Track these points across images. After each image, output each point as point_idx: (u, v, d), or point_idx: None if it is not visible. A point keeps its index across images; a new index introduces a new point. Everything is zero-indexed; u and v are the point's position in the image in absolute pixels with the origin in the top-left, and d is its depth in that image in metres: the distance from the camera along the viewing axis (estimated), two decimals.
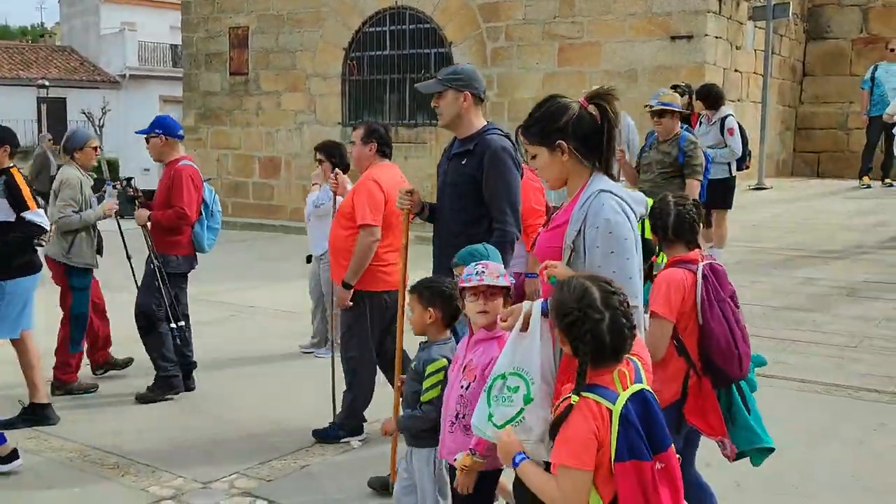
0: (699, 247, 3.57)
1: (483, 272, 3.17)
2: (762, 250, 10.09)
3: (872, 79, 12.98)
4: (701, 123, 9.01)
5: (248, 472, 4.79)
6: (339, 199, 5.64)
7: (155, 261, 6.02)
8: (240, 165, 16.85)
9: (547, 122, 2.94)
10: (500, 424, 2.57)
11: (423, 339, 3.61)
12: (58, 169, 8.69)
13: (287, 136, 16.13)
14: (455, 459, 3.10)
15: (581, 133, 2.91)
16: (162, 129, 6.19)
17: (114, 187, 6.67)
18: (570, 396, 2.37)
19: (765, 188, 13.48)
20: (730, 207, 9.23)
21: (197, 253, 6.33)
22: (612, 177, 2.97)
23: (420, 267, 4.61)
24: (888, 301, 8.00)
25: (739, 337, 3.40)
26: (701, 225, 3.59)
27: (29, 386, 5.53)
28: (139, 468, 4.87)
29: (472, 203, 4.26)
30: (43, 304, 5.93)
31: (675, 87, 9.29)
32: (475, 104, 4.39)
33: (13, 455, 4.81)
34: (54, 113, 34.86)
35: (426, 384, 3.44)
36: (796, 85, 16.15)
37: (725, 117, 8.86)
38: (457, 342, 3.50)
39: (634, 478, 2.29)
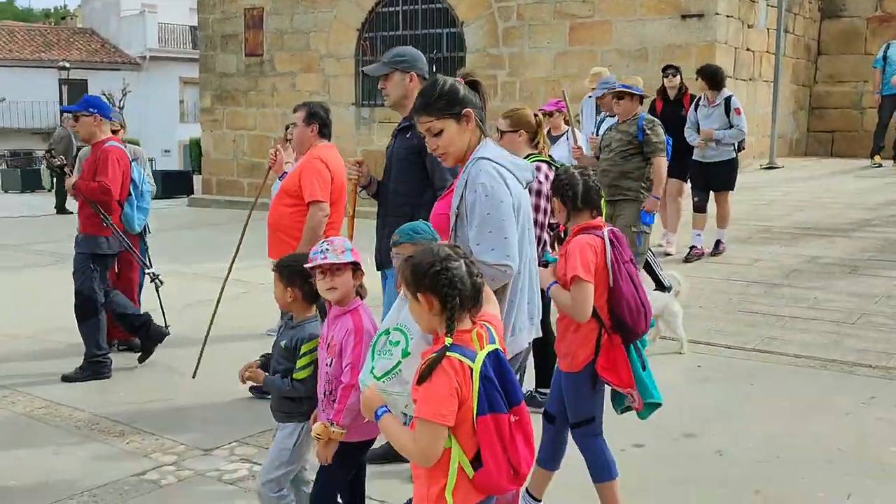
0: (601, 214, 3.74)
1: (328, 250, 3.27)
2: (769, 228, 10.13)
3: (885, 57, 12.91)
4: (699, 106, 9.03)
5: (248, 441, 4.96)
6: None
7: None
8: (255, 146, 17.01)
9: (450, 96, 3.16)
10: (380, 376, 2.70)
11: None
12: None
13: None
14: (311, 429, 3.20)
15: (473, 106, 3.19)
16: (96, 109, 6.25)
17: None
18: (441, 350, 2.47)
19: (776, 167, 13.47)
20: (732, 189, 9.28)
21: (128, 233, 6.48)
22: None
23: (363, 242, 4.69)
24: (889, 279, 8.04)
25: (643, 296, 3.63)
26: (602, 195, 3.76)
27: None
28: (144, 435, 5.05)
29: (416, 175, 4.39)
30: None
31: (667, 68, 9.37)
32: (420, 84, 4.51)
33: None
34: (75, 94, 35.18)
35: (300, 363, 3.44)
36: (811, 64, 16.07)
37: (729, 97, 8.91)
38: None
39: (494, 430, 2.45)
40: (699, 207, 9.28)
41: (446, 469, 2.48)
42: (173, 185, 20.43)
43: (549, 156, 5.20)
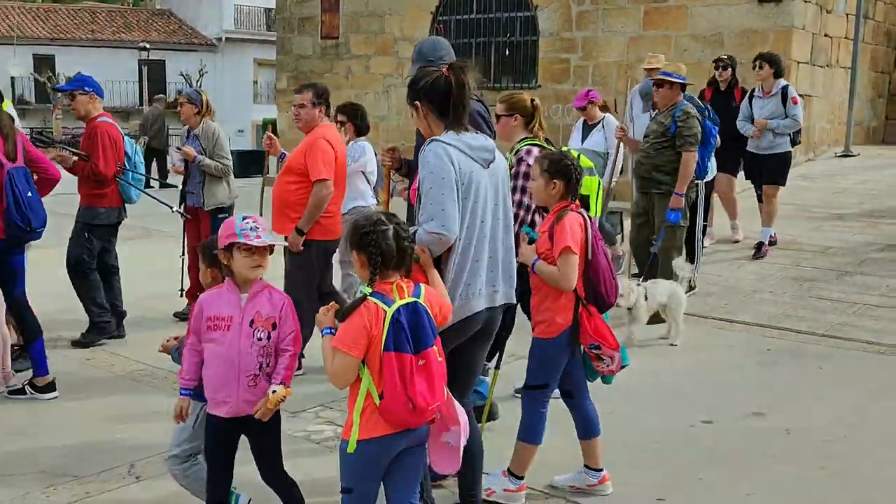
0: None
1: (257, 228, 3.31)
2: (842, 216, 10.08)
3: None
4: (753, 97, 8.85)
5: (332, 405, 5.24)
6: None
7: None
8: None
9: (410, 87, 3.56)
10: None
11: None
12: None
13: (375, 100, 16.54)
14: (273, 392, 3.27)
15: (435, 95, 3.46)
16: (91, 87, 6.49)
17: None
18: (362, 295, 2.93)
19: (851, 155, 13.30)
20: (783, 184, 8.99)
21: (126, 204, 6.68)
22: (465, 130, 3.49)
23: None
24: None
25: (613, 271, 3.94)
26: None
27: None
28: None
29: None
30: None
31: (717, 60, 9.21)
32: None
33: (51, 387, 5.39)
34: (154, 75, 36.13)
35: None
36: (890, 51, 15.76)
37: (786, 87, 8.74)
38: None
39: (396, 366, 2.87)
40: (762, 199, 9.10)
41: (357, 395, 2.96)
42: (248, 164, 20.94)
43: (546, 139, 5.36)
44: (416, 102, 3.51)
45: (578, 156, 4.54)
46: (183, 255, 7.29)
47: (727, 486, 4.21)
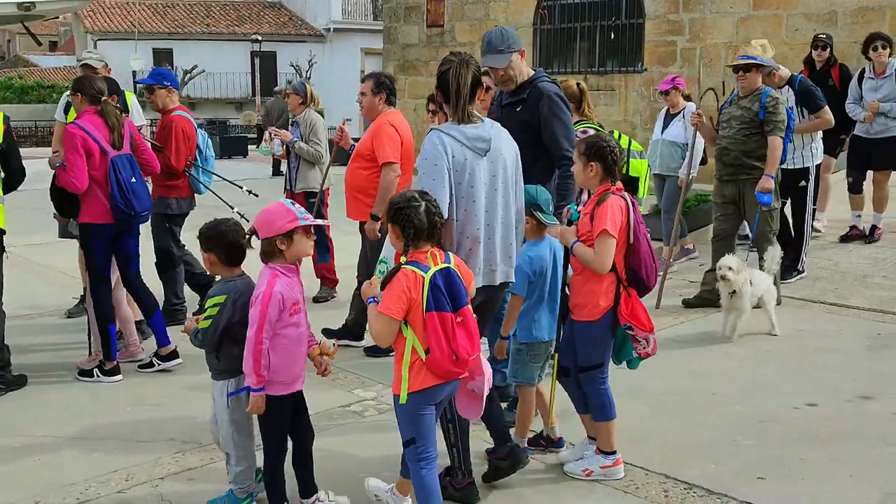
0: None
1: (302, 210, 3.58)
2: None
3: None
4: (864, 78, 8.54)
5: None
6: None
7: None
8: None
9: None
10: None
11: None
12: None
13: None
14: (330, 346, 3.73)
15: (441, 86, 3.77)
16: (169, 81, 6.73)
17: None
18: (398, 265, 3.33)
19: None
20: None
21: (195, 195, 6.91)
22: (468, 120, 3.73)
23: None
24: None
25: (654, 254, 4.02)
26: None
27: None
28: (346, 374, 5.63)
29: (527, 146, 4.50)
30: None
31: (815, 39, 8.87)
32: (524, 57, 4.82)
33: (174, 354, 5.75)
34: (265, 66, 37.19)
35: (204, 315, 3.67)
36: None
37: None
38: None
39: (438, 324, 3.26)
40: (855, 188, 8.81)
41: (404, 352, 3.33)
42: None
43: (599, 124, 5.51)
44: (434, 93, 3.92)
45: (621, 136, 4.66)
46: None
47: (828, 467, 4.21)
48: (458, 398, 3.53)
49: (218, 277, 3.87)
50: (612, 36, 14.91)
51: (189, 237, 5.66)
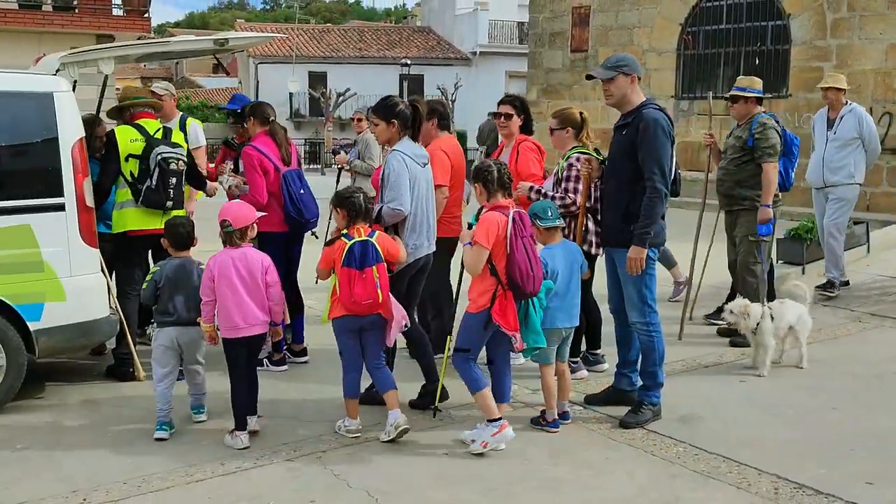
0: (511, 196, 4.93)
1: None
2: None
3: None
4: None
5: None
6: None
7: None
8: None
9: (388, 109, 5.33)
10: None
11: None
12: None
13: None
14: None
15: (402, 119, 5.31)
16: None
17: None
18: (336, 236, 4.89)
19: None
20: None
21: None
22: (415, 142, 5.37)
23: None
24: None
25: (534, 264, 4.71)
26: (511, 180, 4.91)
27: None
28: None
29: (631, 166, 5.07)
30: None
31: None
32: (635, 84, 5.18)
33: (304, 352, 6.40)
34: (413, 88, 38.45)
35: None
36: None
37: None
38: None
39: (346, 276, 4.71)
40: None
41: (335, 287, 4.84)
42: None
43: (596, 149, 5.92)
44: (393, 120, 5.27)
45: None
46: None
47: None
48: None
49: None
50: (757, 62, 14.94)
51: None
